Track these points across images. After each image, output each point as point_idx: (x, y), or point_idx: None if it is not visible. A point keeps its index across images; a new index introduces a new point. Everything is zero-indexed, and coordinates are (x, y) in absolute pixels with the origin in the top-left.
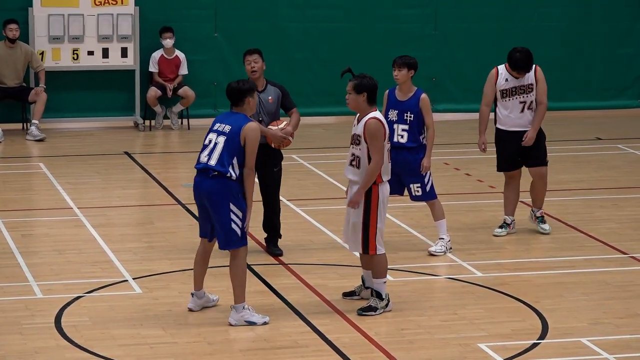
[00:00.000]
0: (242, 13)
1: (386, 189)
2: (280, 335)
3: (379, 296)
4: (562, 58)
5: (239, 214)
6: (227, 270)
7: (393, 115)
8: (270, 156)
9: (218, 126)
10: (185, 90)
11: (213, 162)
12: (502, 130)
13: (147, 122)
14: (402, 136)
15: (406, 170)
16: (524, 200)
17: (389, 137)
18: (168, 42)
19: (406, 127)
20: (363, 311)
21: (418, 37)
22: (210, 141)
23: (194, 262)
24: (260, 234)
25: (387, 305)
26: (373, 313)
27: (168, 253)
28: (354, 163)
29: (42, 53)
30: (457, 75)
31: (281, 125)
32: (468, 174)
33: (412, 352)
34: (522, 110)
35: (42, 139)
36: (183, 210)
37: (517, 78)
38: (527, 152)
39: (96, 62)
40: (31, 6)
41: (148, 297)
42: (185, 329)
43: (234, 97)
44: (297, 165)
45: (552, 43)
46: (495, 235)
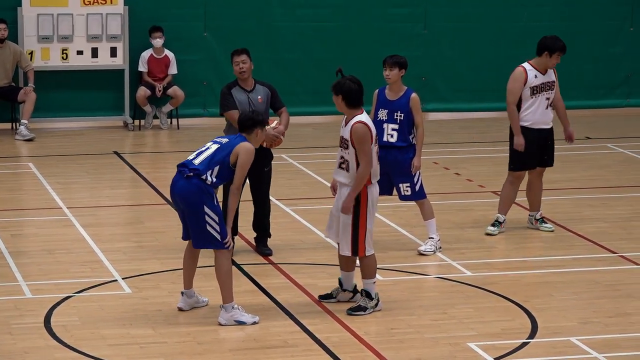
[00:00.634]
0: (232, 12)
1: (376, 191)
2: (270, 334)
3: (369, 296)
4: None
5: (215, 218)
6: (214, 270)
7: (383, 114)
8: (260, 156)
9: (218, 138)
10: (174, 90)
11: (197, 162)
12: (526, 127)
13: (137, 122)
14: (392, 135)
15: (396, 169)
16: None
17: (378, 137)
18: (158, 42)
19: (396, 127)
20: (352, 311)
21: (408, 37)
22: (204, 146)
23: (183, 262)
24: (249, 234)
25: (377, 305)
26: (362, 313)
27: (157, 253)
28: (343, 166)
29: (31, 53)
30: (447, 74)
31: (272, 124)
32: (457, 174)
33: (402, 352)
34: (547, 107)
35: (32, 139)
36: (172, 210)
37: (543, 74)
38: (547, 151)
39: (85, 62)
40: (20, 6)
41: (138, 297)
42: (175, 329)
43: (245, 125)
44: (287, 164)
45: None
46: (488, 233)
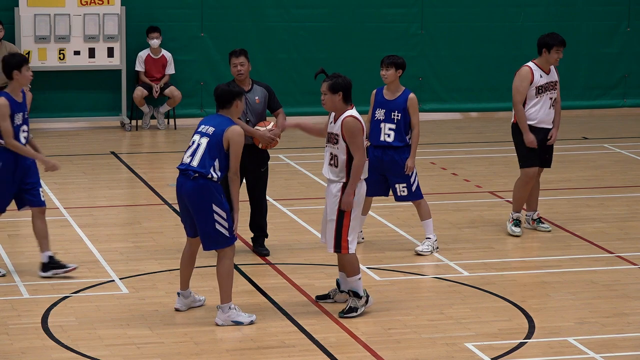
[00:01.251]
0: (229, 13)
1: (363, 188)
2: (267, 335)
3: (357, 295)
4: None
5: (223, 214)
6: (214, 270)
7: (380, 114)
8: (256, 156)
9: (202, 127)
10: (171, 90)
11: (195, 164)
12: (531, 126)
13: (134, 122)
14: (389, 135)
15: (392, 170)
16: (509, 199)
17: (376, 137)
18: (155, 42)
19: (393, 127)
20: (344, 314)
21: (404, 37)
22: (193, 142)
23: (180, 262)
24: (246, 234)
25: (367, 302)
26: (354, 314)
27: (154, 253)
28: (332, 162)
29: (29, 53)
30: (443, 74)
31: (269, 126)
32: (454, 174)
33: (399, 352)
34: (550, 107)
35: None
36: (169, 210)
37: (547, 74)
38: (548, 152)
39: (82, 62)
40: (17, 6)
41: (135, 297)
42: (172, 329)
43: (223, 99)
44: (284, 165)
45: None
46: (515, 235)
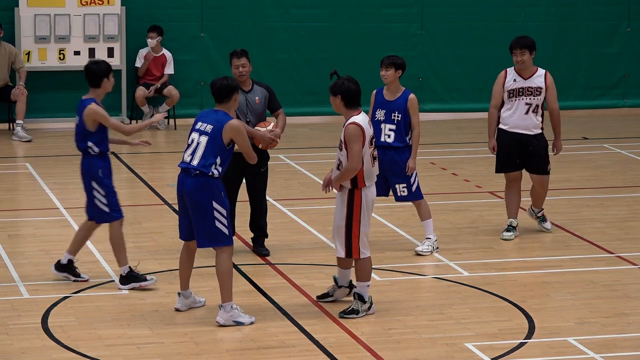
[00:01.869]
0: (229, 13)
1: (371, 193)
2: (267, 335)
3: (362, 299)
4: (548, 57)
5: (223, 212)
6: (214, 270)
7: (380, 114)
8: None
9: (200, 125)
10: (169, 89)
11: (195, 162)
12: (503, 130)
13: (134, 122)
14: (389, 136)
15: (392, 170)
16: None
17: (376, 137)
18: (151, 42)
19: (393, 127)
20: (345, 314)
21: (404, 37)
22: (192, 140)
23: (179, 263)
24: (246, 234)
25: (370, 308)
26: (355, 316)
27: (155, 253)
28: (340, 168)
29: (29, 53)
30: (443, 75)
31: (269, 127)
32: (454, 174)
33: (399, 352)
34: (527, 112)
35: (29, 141)
36: (170, 210)
37: (525, 79)
38: (528, 158)
39: (83, 62)
40: (17, 6)
41: (135, 297)
42: (172, 329)
43: (222, 93)
44: (284, 165)
45: (537, 42)
46: (504, 239)
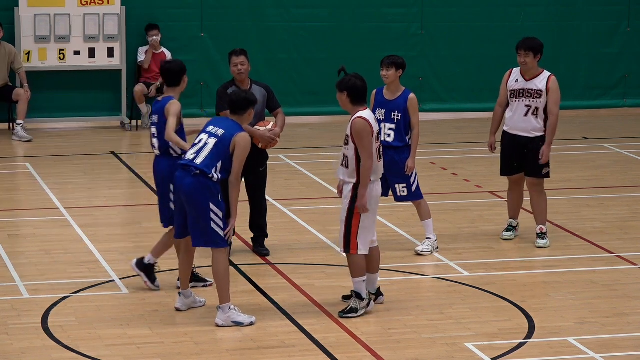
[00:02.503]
0: (229, 13)
1: (375, 189)
2: (267, 335)
3: (359, 297)
4: (547, 57)
5: (219, 214)
6: (211, 270)
7: (380, 114)
8: (255, 156)
9: (211, 128)
10: None
11: (198, 161)
12: (505, 132)
13: (134, 122)
14: (389, 135)
15: (392, 170)
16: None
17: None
18: (154, 40)
19: (393, 127)
20: (344, 313)
21: (404, 37)
22: (200, 140)
23: (179, 262)
24: (246, 234)
25: (369, 305)
26: (354, 315)
27: None
28: (344, 163)
29: (29, 53)
30: (443, 75)
31: (269, 126)
32: (454, 174)
33: (399, 352)
34: (526, 114)
35: (29, 141)
36: None
37: (526, 80)
38: (525, 161)
39: (82, 62)
40: (17, 6)
41: (135, 297)
42: (172, 329)
43: (238, 106)
44: (284, 165)
45: None
46: (504, 239)
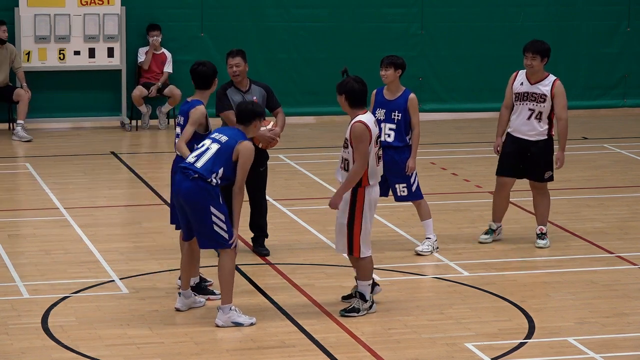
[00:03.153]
0: (229, 13)
1: (374, 192)
2: (267, 335)
3: (363, 298)
4: None
5: (221, 217)
6: (215, 270)
7: (380, 114)
8: (256, 156)
9: (216, 135)
10: (171, 89)
11: (199, 165)
12: (509, 133)
13: (134, 122)
14: (389, 135)
15: (392, 170)
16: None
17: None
18: (155, 40)
19: (393, 127)
20: (346, 312)
21: (404, 37)
22: (203, 145)
23: (181, 263)
24: (246, 234)
25: (371, 307)
26: (355, 314)
27: (155, 253)
28: (343, 166)
29: (29, 53)
30: (443, 75)
31: (269, 126)
32: (454, 174)
33: (399, 352)
34: (529, 117)
35: (29, 141)
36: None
37: (531, 84)
38: (528, 165)
39: (82, 62)
40: (17, 6)
41: (135, 297)
42: (172, 329)
43: (242, 116)
44: (284, 165)
45: None
46: (480, 242)
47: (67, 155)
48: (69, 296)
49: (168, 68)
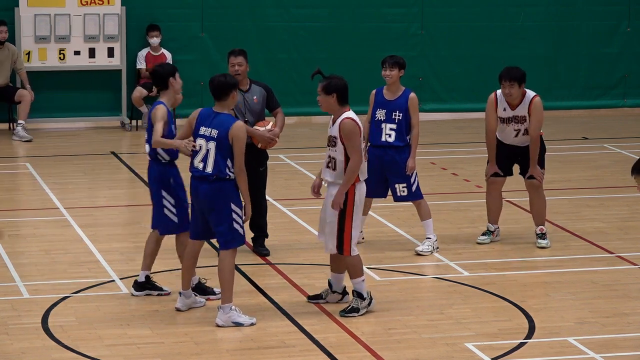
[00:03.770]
0: (229, 13)
1: (363, 188)
2: (267, 335)
3: (360, 296)
4: (548, 57)
5: (238, 212)
6: (216, 270)
7: (381, 114)
8: (255, 156)
9: (204, 130)
10: None
11: (210, 169)
12: (499, 140)
13: (134, 122)
14: (390, 135)
15: (392, 170)
16: (517, 202)
17: (376, 137)
18: (155, 41)
19: (394, 127)
20: (346, 312)
21: (404, 37)
22: (201, 147)
23: (183, 263)
24: (247, 234)
25: (370, 304)
26: (356, 314)
27: None
28: (330, 165)
29: (29, 53)
30: (443, 75)
31: (268, 126)
32: (454, 174)
33: (399, 352)
34: (516, 135)
35: (29, 141)
36: None
37: (512, 109)
38: (523, 164)
39: (83, 62)
40: (17, 6)
41: (135, 297)
42: (172, 329)
43: (220, 91)
44: (284, 165)
45: (537, 42)
46: (478, 242)
47: (67, 155)
48: (69, 296)
49: None
